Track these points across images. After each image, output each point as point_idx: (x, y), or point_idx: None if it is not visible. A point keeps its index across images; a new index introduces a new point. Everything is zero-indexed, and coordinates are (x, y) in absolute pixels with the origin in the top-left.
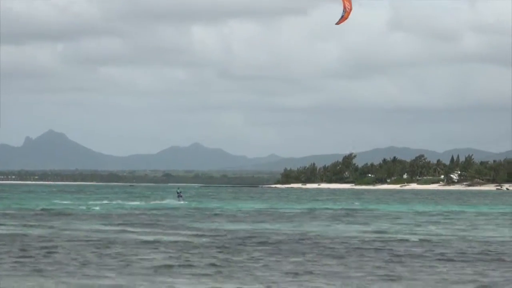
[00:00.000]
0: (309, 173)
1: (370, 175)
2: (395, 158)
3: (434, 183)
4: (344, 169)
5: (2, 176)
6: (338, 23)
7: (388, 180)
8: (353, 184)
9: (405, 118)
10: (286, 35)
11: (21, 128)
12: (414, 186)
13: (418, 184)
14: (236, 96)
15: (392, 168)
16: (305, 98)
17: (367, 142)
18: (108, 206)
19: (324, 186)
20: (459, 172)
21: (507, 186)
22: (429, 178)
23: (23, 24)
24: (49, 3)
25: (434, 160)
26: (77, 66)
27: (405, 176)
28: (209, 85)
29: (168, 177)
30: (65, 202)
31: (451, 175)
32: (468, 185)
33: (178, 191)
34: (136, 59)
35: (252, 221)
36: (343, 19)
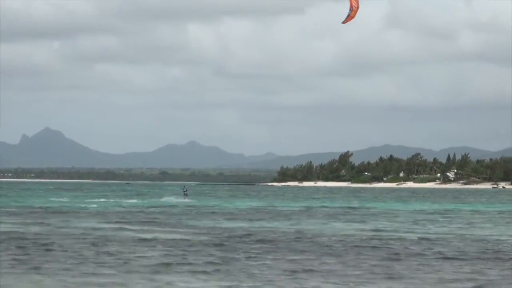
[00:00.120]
0: (305, 171)
1: (366, 174)
2: (391, 157)
3: (430, 181)
4: (340, 167)
5: None
6: (344, 22)
7: (384, 179)
8: (349, 182)
9: (401, 116)
10: (283, 33)
11: (17, 126)
12: (411, 185)
13: (415, 182)
14: (233, 94)
15: (389, 167)
16: (301, 96)
17: (363, 140)
18: (106, 204)
19: (320, 184)
20: (455, 171)
21: (503, 185)
22: (425, 176)
23: (20, 22)
24: (45, 1)
25: (430, 158)
26: (73, 64)
27: (401, 174)
28: (205, 83)
29: (165, 175)
30: (62, 199)
31: (448, 174)
32: (464, 183)
33: (184, 190)
34: (132, 57)
35: (250, 219)
36: (349, 17)
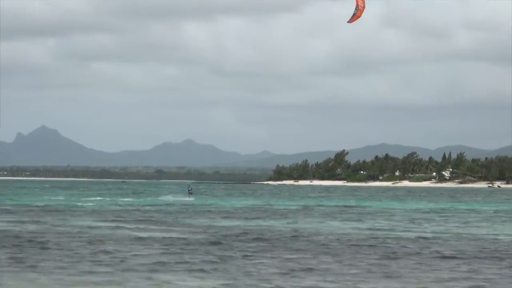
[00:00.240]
0: (301, 170)
1: (362, 172)
2: (387, 155)
3: (426, 180)
4: (336, 166)
5: None
6: (350, 21)
7: (380, 177)
8: (345, 181)
9: (397, 115)
10: (278, 32)
11: (13, 124)
12: (406, 183)
13: (410, 181)
14: (228, 93)
15: (384, 165)
16: (297, 95)
17: (359, 139)
18: (102, 203)
19: (316, 183)
20: (451, 170)
21: (498, 184)
22: (421, 175)
23: (15, 20)
24: (41, 0)
25: (426, 157)
26: (69, 62)
27: (397, 173)
28: (201, 81)
29: (160, 173)
30: (58, 198)
31: (443, 173)
32: (459, 182)
33: (189, 189)
34: (128, 56)
35: (246, 217)
36: (355, 17)
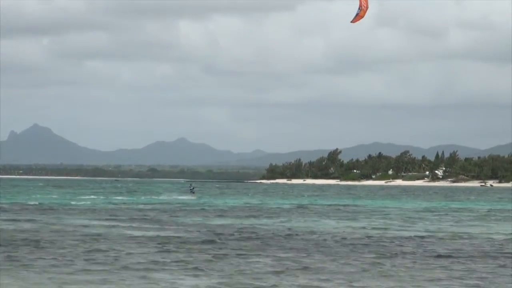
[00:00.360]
0: (294, 168)
1: (355, 171)
2: (380, 154)
3: (419, 179)
4: (329, 164)
5: None
6: (353, 21)
7: (373, 176)
8: (338, 180)
9: (390, 114)
10: (273, 31)
11: (6, 122)
12: (399, 182)
13: (403, 180)
14: (222, 91)
15: (377, 164)
16: (290, 93)
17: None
18: (97, 201)
19: (309, 181)
20: (444, 169)
21: (491, 183)
22: (414, 174)
23: (8, 18)
24: None
25: (419, 156)
26: (63, 61)
27: (390, 172)
28: (195, 80)
29: (154, 172)
30: (53, 196)
31: (436, 172)
32: (452, 181)
33: (191, 187)
34: (122, 54)
35: (241, 216)
36: (358, 17)
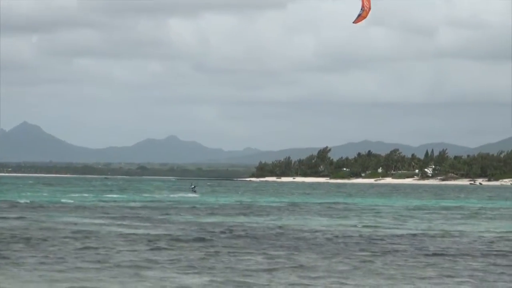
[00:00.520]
0: (284, 166)
1: (345, 169)
2: (370, 152)
3: (408, 177)
4: (319, 162)
5: None
6: (355, 22)
7: (362, 174)
8: (328, 178)
9: (379, 112)
10: (264, 29)
11: None
12: (389, 180)
13: (393, 178)
14: (212, 89)
15: (367, 162)
16: (281, 91)
17: (342, 136)
18: (88, 199)
19: (299, 179)
20: (433, 167)
21: (480, 181)
22: (403, 172)
23: None
24: None
25: (408, 154)
26: (52, 58)
27: (379, 170)
28: (185, 78)
29: (143, 169)
30: (43, 194)
31: (426, 170)
32: (442, 179)
33: (192, 186)
34: (112, 51)
35: (232, 214)
36: (360, 17)
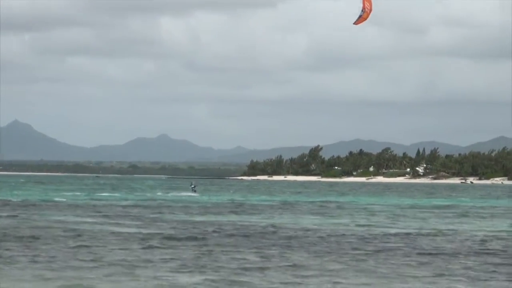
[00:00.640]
0: (275, 165)
1: (336, 168)
2: (361, 151)
3: (400, 176)
4: (310, 161)
5: None
6: (356, 23)
7: (354, 173)
8: (319, 177)
9: (371, 111)
10: (254, 27)
11: None
12: (381, 179)
13: (384, 177)
14: (203, 88)
15: (359, 161)
16: (273, 90)
17: (333, 134)
18: (80, 197)
19: (290, 178)
20: (424, 165)
21: (471, 180)
22: (395, 171)
23: None
24: None
25: (400, 153)
26: (44, 57)
27: (371, 169)
28: (176, 76)
29: (135, 168)
30: (35, 192)
31: (417, 168)
32: (433, 178)
33: (192, 186)
34: (103, 50)
35: (225, 212)
36: (361, 19)
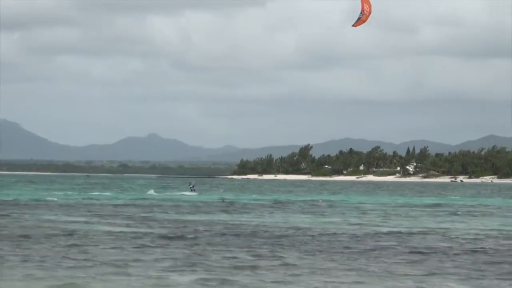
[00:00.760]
0: (265, 164)
1: (326, 167)
2: (351, 150)
3: (390, 174)
4: (301, 160)
5: None
6: (354, 25)
7: (344, 172)
8: (309, 176)
9: (361, 110)
10: (244, 26)
11: None
12: (371, 178)
13: (375, 175)
14: (193, 87)
15: (349, 160)
16: (262, 89)
17: (323, 133)
18: (71, 197)
19: (280, 177)
20: (415, 164)
21: (461, 178)
22: (385, 169)
23: None
24: None
25: (390, 151)
26: (32, 56)
27: (361, 167)
28: (165, 75)
29: (125, 167)
30: (26, 192)
31: (407, 167)
32: (423, 176)
33: (190, 185)
34: (92, 49)
35: (217, 212)
36: (360, 21)
